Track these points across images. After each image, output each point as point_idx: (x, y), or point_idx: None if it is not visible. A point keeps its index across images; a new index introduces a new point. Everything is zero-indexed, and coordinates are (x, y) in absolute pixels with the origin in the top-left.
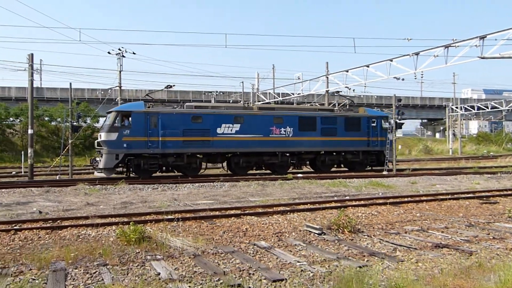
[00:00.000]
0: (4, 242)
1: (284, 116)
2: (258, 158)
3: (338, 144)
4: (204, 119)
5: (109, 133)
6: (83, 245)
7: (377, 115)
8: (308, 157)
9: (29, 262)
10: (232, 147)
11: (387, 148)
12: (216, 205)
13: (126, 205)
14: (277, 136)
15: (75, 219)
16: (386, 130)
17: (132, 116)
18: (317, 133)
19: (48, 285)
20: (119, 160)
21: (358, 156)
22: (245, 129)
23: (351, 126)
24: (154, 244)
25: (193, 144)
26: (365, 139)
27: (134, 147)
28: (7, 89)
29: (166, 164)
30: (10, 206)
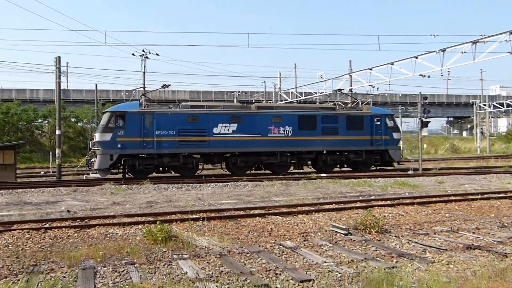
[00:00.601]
0: (35, 240)
1: (283, 115)
2: (257, 158)
3: (340, 144)
4: (200, 118)
5: (103, 134)
6: (111, 244)
7: (381, 113)
8: (308, 157)
9: (59, 260)
10: (229, 147)
11: (393, 147)
12: (240, 204)
13: (152, 205)
14: (275, 135)
15: (102, 218)
16: (391, 129)
17: (126, 116)
18: (318, 132)
19: (78, 283)
20: (114, 161)
21: (361, 156)
22: (242, 128)
23: (354, 125)
24: (180, 243)
25: (189, 144)
26: (368, 138)
27: (128, 148)
28: (35, 91)
29: (162, 165)
30: (40, 205)
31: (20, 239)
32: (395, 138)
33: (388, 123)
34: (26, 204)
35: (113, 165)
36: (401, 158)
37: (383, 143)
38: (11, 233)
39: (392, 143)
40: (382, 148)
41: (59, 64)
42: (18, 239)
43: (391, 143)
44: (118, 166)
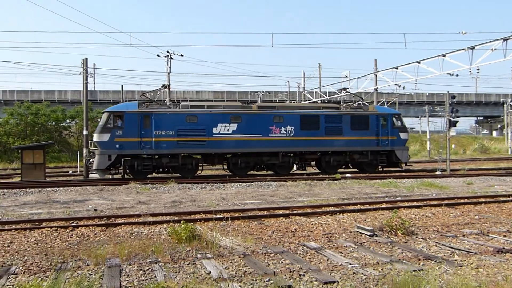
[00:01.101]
0: (63, 238)
1: (285, 115)
2: (258, 159)
3: (344, 144)
4: (199, 118)
5: (101, 134)
6: (136, 242)
7: (387, 112)
8: (311, 157)
9: (86, 258)
10: (229, 147)
11: (400, 148)
12: (264, 204)
13: (176, 204)
14: (277, 135)
15: (128, 217)
16: (398, 129)
17: (124, 117)
18: (321, 132)
19: (104, 281)
20: (112, 161)
21: (366, 156)
22: (242, 128)
23: (358, 125)
24: (204, 243)
25: (187, 145)
26: (374, 138)
27: (126, 148)
28: (63, 92)
29: (161, 165)
30: (68, 204)
31: (48, 237)
32: (402, 138)
33: (395, 123)
34: (54, 202)
35: (112, 166)
36: (409, 159)
37: (389, 144)
38: (40, 230)
39: (399, 144)
40: (388, 148)
41: (86, 66)
42: (46, 237)
43: (398, 143)
44: (118, 166)
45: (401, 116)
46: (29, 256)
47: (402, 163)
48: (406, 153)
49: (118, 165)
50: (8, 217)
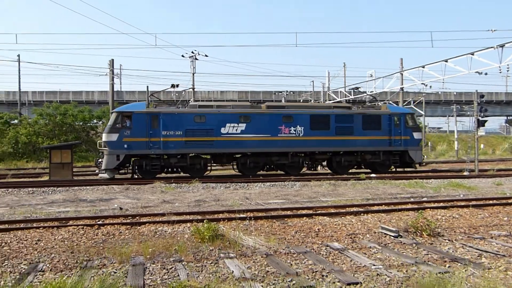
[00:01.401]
0: (89, 236)
1: (294, 115)
2: (267, 159)
3: (355, 144)
4: (207, 118)
5: (110, 134)
6: (160, 241)
7: (400, 112)
8: (322, 158)
9: (111, 256)
10: (237, 147)
11: (414, 148)
12: (288, 204)
13: (200, 203)
14: (286, 135)
15: (152, 215)
16: (411, 128)
17: (133, 117)
18: (331, 132)
19: (128, 279)
20: (120, 161)
21: (378, 157)
22: (251, 128)
23: (370, 124)
24: (227, 242)
25: (196, 145)
26: (387, 138)
27: (134, 148)
28: (90, 93)
29: (169, 165)
30: (94, 203)
31: (75, 235)
32: (416, 138)
33: (408, 123)
34: (81, 201)
35: (121, 165)
36: (423, 159)
37: (402, 144)
38: (67, 228)
39: (413, 144)
40: (401, 148)
41: (112, 67)
42: (73, 235)
43: (411, 143)
44: (128, 166)
45: (414, 116)
46: (56, 254)
47: (415, 164)
48: (419, 153)
49: (127, 165)
50: (37, 215)
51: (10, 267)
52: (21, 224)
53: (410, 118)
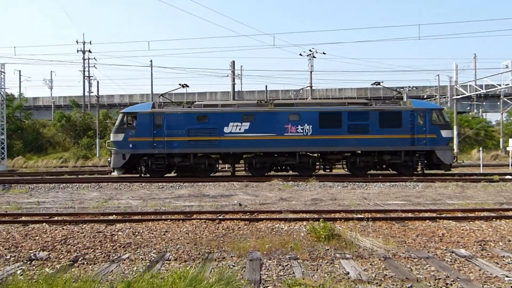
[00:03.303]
0: (211, 229)
1: (302, 113)
2: (274, 159)
3: (371, 143)
4: (210, 118)
5: (116, 134)
6: (276, 238)
7: (424, 107)
8: (334, 158)
9: (230, 250)
10: (241, 147)
11: (442, 148)
12: (409, 206)
13: (316, 202)
14: (293, 134)
15: (269, 212)
16: (439, 126)
17: (137, 117)
18: (343, 130)
19: (245, 273)
20: (126, 160)
21: (399, 157)
22: (255, 127)
23: (389, 122)
24: (343, 243)
25: (199, 144)
26: (408, 136)
27: (139, 148)
28: (214, 93)
29: (173, 165)
30: (216, 198)
31: (198, 228)
32: (444, 136)
33: (435, 119)
34: (204, 196)
35: (127, 164)
36: (455, 160)
37: (427, 143)
38: (191, 222)
39: (440, 143)
40: (426, 148)
41: (233, 68)
42: (196, 228)
43: (438, 142)
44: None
45: (443, 112)
46: (181, 245)
47: (446, 165)
48: (450, 153)
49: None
50: (165, 208)
51: (142, 254)
52: (152, 216)
53: (438, 114)
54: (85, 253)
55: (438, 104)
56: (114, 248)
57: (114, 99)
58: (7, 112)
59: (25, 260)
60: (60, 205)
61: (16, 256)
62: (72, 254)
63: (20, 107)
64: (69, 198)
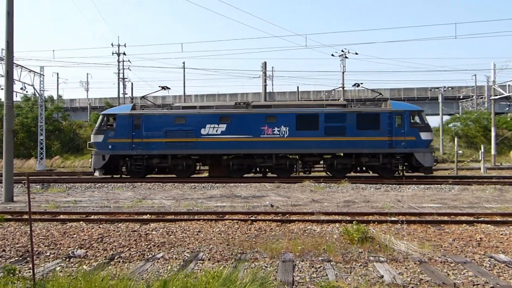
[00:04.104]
0: (243, 230)
1: (278, 114)
2: (251, 160)
3: (348, 145)
4: (187, 119)
5: (96, 135)
6: (309, 240)
7: (403, 109)
8: (312, 160)
9: (262, 251)
10: (218, 148)
11: (421, 150)
12: (445, 209)
13: (349, 204)
14: (269, 136)
15: (301, 214)
16: (418, 128)
17: (116, 119)
18: (320, 132)
19: (278, 274)
20: (106, 161)
21: (377, 160)
22: (232, 129)
23: (366, 124)
24: (377, 246)
25: (176, 146)
26: (386, 139)
27: (118, 149)
28: (245, 95)
29: (151, 165)
30: (248, 199)
31: (230, 228)
32: (424, 139)
33: (414, 121)
34: (236, 197)
35: (108, 165)
36: (435, 164)
37: (406, 145)
38: (223, 222)
39: (420, 145)
40: (405, 150)
41: (265, 69)
42: (228, 228)
43: (417, 145)
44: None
45: (422, 113)
46: (214, 245)
47: (426, 168)
48: (429, 156)
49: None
50: (198, 209)
51: (176, 254)
52: (185, 216)
53: (417, 116)
54: (121, 252)
55: (476, 106)
56: (148, 247)
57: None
58: (46, 114)
59: (63, 257)
60: (96, 204)
61: (55, 253)
62: (109, 252)
63: (58, 109)
64: (105, 198)
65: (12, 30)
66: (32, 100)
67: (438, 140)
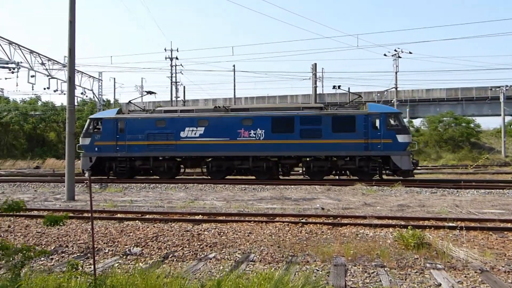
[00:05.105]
0: (293, 232)
1: (254, 117)
2: (230, 163)
3: (323, 148)
4: (167, 123)
5: (84, 138)
6: (361, 244)
7: (379, 111)
8: (289, 163)
9: (313, 254)
10: (196, 151)
11: (398, 153)
12: (508, 215)
13: (403, 208)
14: (245, 139)
15: (353, 217)
16: (395, 130)
17: (103, 122)
18: (295, 135)
19: (330, 278)
20: (93, 162)
21: (353, 162)
22: (209, 132)
23: (342, 126)
24: (433, 252)
25: (157, 148)
26: (362, 141)
27: (104, 151)
28: (294, 97)
29: (135, 167)
30: (298, 201)
31: (281, 230)
32: (400, 141)
33: (391, 124)
34: (286, 199)
35: (96, 166)
36: (413, 167)
37: (382, 148)
38: (274, 224)
39: (396, 148)
40: (382, 153)
41: (315, 71)
42: (279, 230)
43: (394, 147)
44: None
45: (399, 116)
46: (265, 247)
47: (404, 171)
48: (406, 159)
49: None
50: (248, 210)
51: (227, 254)
52: (236, 217)
53: (393, 118)
54: (174, 251)
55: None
56: (201, 247)
57: (199, 104)
58: None
59: (121, 254)
60: (150, 204)
61: (114, 250)
62: (163, 251)
63: None
64: (158, 198)
65: (74, 38)
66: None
67: (499, 142)
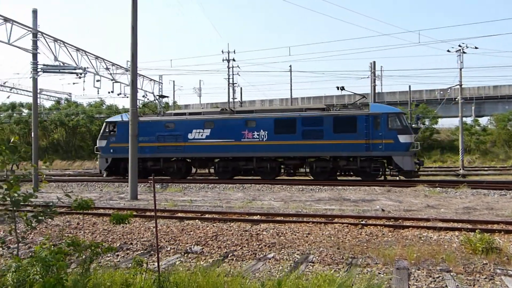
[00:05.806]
0: (353, 234)
1: (257, 119)
2: (235, 163)
3: (325, 149)
4: (176, 125)
5: (100, 140)
6: (425, 247)
7: (380, 111)
8: (292, 163)
9: (374, 256)
10: (203, 152)
11: (400, 153)
12: None
13: (469, 211)
14: (249, 140)
15: (415, 220)
16: (396, 130)
17: (117, 125)
18: (298, 136)
19: (392, 282)
20: (109, 163)
21: (355, 163)
22: (215, 134)
23: (343, 127)
24: (504, 258)
25: (167, 149)
26: (363, 142)
27: (118, 152)
28: (352, 96)
29: (146, 168)
30: (357, 202)
31: (340, 232)
32: (402, 142)
33: (392, 124)
34: (345, 200)
35: (112, 167)
36: (416, 167)
37: (384, 148)
38: (332, 225)
39: (398, 148)
40: (383, 154)
41: (374, 69)
42: (338, 232)
43: (396, 148)
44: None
45: (402, 116)
46: (324, 248)
47: (406, 172)
48: (408, 159)
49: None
50: (306, 211)
51: (286, 255)
52: (294, 217)
53: (395, 118)
54: (234, 250)
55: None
56: (259, 247)
57: (255, 105)
58: None
59: (182, 252)
60: (209, 204)
61: (175, 248)
62: (222, 250)
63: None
64: (217, 198)
65: (136, 43)
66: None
67: None
